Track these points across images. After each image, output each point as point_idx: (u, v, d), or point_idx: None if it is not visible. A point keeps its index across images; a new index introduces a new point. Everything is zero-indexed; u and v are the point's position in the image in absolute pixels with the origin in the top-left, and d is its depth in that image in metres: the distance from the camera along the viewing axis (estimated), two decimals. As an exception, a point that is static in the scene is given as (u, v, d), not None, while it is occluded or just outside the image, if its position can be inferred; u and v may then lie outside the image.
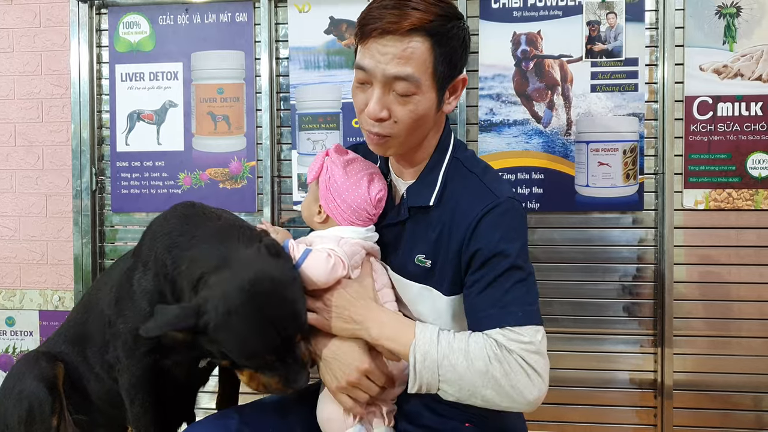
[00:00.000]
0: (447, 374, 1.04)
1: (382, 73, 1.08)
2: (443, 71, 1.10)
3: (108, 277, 1.40)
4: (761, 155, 1.95)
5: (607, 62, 1.98)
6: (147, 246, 1.27)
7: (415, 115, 1.11)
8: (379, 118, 1.10)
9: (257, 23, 2.12)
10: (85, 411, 1.45)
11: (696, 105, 1.97)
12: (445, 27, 1.09)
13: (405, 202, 1.20)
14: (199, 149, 2.16)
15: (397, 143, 1.15)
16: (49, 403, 1.36)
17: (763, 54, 1.95)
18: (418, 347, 1.06)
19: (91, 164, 2.18)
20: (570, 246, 2.00)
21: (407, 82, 1.08)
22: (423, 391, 1.07)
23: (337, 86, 2.09)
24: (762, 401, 1.97)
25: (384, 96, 1.10)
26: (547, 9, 2.00)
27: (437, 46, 1.08)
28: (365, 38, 1.09)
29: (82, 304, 1.48)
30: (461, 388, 1.04)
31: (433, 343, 1.06)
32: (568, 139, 2.00)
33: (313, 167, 1.23)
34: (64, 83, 2.29)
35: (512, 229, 1.11)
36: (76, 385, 1.42)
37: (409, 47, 1.07)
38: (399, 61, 1.07)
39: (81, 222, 2.18)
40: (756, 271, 1.96)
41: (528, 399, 1.03)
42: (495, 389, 1.03)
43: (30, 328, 2.33)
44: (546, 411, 2.00)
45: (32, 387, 1.35)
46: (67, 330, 1.48)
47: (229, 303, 1.05)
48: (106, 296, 1.35)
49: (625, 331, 2.00)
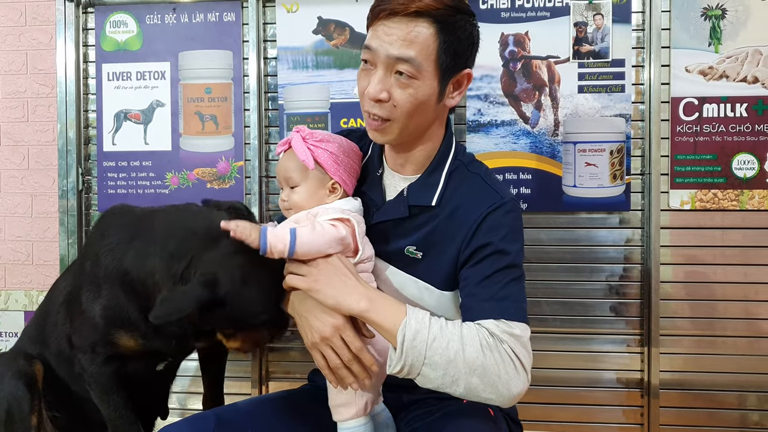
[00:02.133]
0: (434, 357, 1.03)
1: (386, 53, 1.09)
2: (446, 60, 1.11)
3: (59, 287, 1.43)
4: (746, 156, 1.97)
5: (594, 63, 1.99)
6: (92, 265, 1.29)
7: (415, 100, 1.12)
8: (378, 99, 1.11)
9: (245, 23, 2.11)
10: (60, 408, 1.45)
11: (682, 106, 1.98)
12: (452, 17, 1.10)
13: (405, 200, 1.20)
14: (186, 149, 2.15)
15: (395, 128, 1.15)
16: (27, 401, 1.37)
17: (748, 56, 1.96)
18: (409, 326, 1.04)
19: (77, 164, 2.17)
20: (557, 246, 2.01)
21: (409, 64, 1.09)
22: (402, 374, 1.06)
23: (326, 86, 2.09)
24: (747, 400, 1.99)
25: (385, 78, 1.11)
26: (534, 10, 2.01)
27: (442, 33, 1.09)
28: (374, 19, 1.12)
29: (41, 310, 1.51)
30: (446, 374, 1.03)
31: (425, 324, 1.05)
32: (555, 140, 2.01)
33: (306, 154, 1.19)
34: (50, 82, 2.27)
35: (514, 230, 1.14)
36: (50, 383, 1.43)
37: (414, 30, 1.08)
38: (403, 43, 1.08)
39: (67, 222, 2.17)
40: (741, 271, 1.97)
41: (512, 392, 1.04)
42: (482, 378, 1.03)
43: (15, 329, 2.31)
44: (533, 410, 2.01)
45: (11, 386, 1.36)
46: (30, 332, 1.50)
47: (243, 270, 1.12)
48: (61, 311, 1.38)
49: (612, 330, 2.01)
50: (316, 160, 1.19)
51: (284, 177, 1.23)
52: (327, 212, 1.17)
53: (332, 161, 1.20)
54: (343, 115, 2.07)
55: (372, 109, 1.13)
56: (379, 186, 1.25)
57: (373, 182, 1.26)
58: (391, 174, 1.26)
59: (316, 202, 1.21)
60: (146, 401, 1.48)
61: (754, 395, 1.98)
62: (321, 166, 1.19)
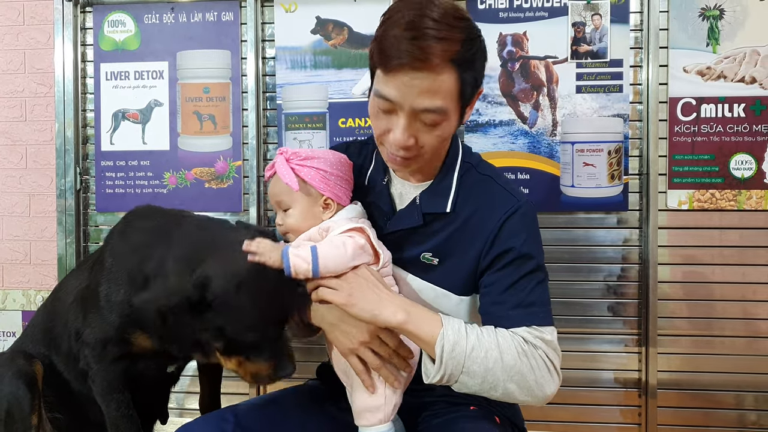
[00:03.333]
0: (473, 366, 1.04)
1: (410, 106, 1.05)
2: (468, 92, 1.10)
3: (69, 287, 1.42)
4: (744, 156, 1.97)
5: (592, 63, 1.99)
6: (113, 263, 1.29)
7: (441, 139, 1.12)
8: (407, 146, 1.09)
9: (243, 22, 2.11)
10: (61, 409, 1.45)
11: (680, 106, 1.98)
12: (469, 52, 1.06)
13: (418, 208, 1.19)
14: (184, 149, 2.15)
15: (421, 162, 1.15)
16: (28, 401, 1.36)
17: (745, 56, 1.97)
18: (447, 337, 1.05)
19: (75, 163, 2.16)
20: (555, 246, 2.01)
21: (436, 113, 1.06)
22: (443, 382, 1.07)
23: (324, 86, 2.09)
24: (744, 400, 1.99)
25: (411, 125, 1.08)
26: (532, 10, 2.01)
27: (464, 72, 1.07)
28: (389, 70, 1.05)
29: (46, 311, 1.49)
30: (484, 381, 1.05)
31: (462, 335, 1.06)
32: (553, 140, 2.01)
33: (289, 177, 1.18)
34: (48, 82, 2.27)
35: (533, 233, 1.15)
36: (50, 384, 1.42)
37: (437, 80, 1.04)
38: (427, 95, 1.04)
39: (65, 222, 2.17)
40: (739, 271, 1.98)
41: (546, 393, 1.08)
42: (519, 383, 1.06)
43: (13, 329, 2.30)
44: (531, 410, 2.00)
45: (11, 385, 1.35)
46: (33, 333, 1.49)
47: (239, 277, 1.10)
48: (72, 309, 1.37)
49: (610, 330, 2.01)
50: (303, 179, 1.18)
51: (276, 201, 1.23)
52: (338, 226, 1.16)
53: (320, 177, 1.19)
54: (341, 115, 2.07)
55: (398, 153, 1.11)
56: (386, 195, 1.24)
57: (381, 192, 1.24)
58: (399, 182, 1.24)
59: (312, 220, 1.20)
60: (149, 402, 1.48)
61: (751, 395, 1.99)
62: (309, 184, 1.18)
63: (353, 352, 1.12)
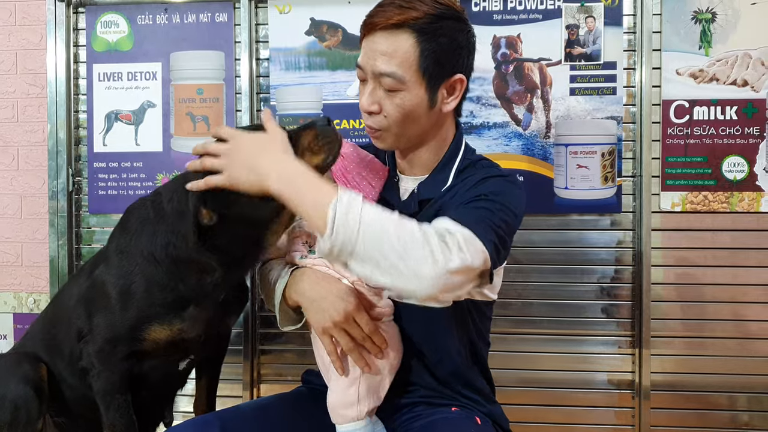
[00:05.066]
0: (369, 229, 0.93)
1: (371, 69, 1.14)
2: (430, 68, 1.13)
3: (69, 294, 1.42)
4: (736, 158, 1.98)
5: (585, 66, 2.00)
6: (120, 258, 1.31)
7: (402, 110, 1.14)
8: (369, 111, 1.16)
9: (237, 24, 2.11)
10: (65, 414, 1.44)
11: (673, 108, 1.99)
12: (433, 25, 1.11)
13: (416, 197, 1.23)
14: (177, 150, 2.14)
15: (390, 136, 1.19)
16: (36, 405, 1.36)
17: (737, 59, 1.98)
18: (341, 201, 0.94)
19: (67, 165, 2.15)
20: (549, 248, 2.02)
21: (391, 78, 1.12)
22: (334, 254, 0.95)
23: (318, 87, 2.08)
24: (737, 401, 2.00)
25: (375, 90, 1.15)
26: (526, 12, 2.01)
27: (423, 42, 1.11)
28: (362, 36, 1.16)
29: (47, 318, 1.48)
30: (381, 248, 0.93)
31: (357, 201, 0.96)
32: (547, 142, 2.01)
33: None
34: (40, 82, 2.25)
35: (510, 194, 1.15)
36: (54, 388, 1.41)
37: (394, 43, 1.11)
38: (384, 58, 1.11)
39: (57, 223, 2.15)
40: (731, 273, 1.99)
41: (450, 267, 0.92)
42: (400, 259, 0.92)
43: (4, 332, 2.29)
44: (524, 412, 2.01)
45: (18, 390, 1.35)
46: (34, 339, 1.47)
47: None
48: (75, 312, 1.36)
49: (603, 332, 2.02)
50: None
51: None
52: None
53: (340, 167, 1.22)
54: (335, 117, 2.07)
55: (366, 120, 1.19)
56: (396, 190, 1.28)
57: (391, 187, 1.29)
58: (404, 178, 1.29)
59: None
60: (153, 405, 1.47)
61: (744, 396, 1.99)
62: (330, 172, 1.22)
63: (327, 331, 1.13)
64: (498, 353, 1.85)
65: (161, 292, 1.25)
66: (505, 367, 1.99)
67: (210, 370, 1.54)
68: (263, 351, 2.12)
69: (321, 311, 1.13)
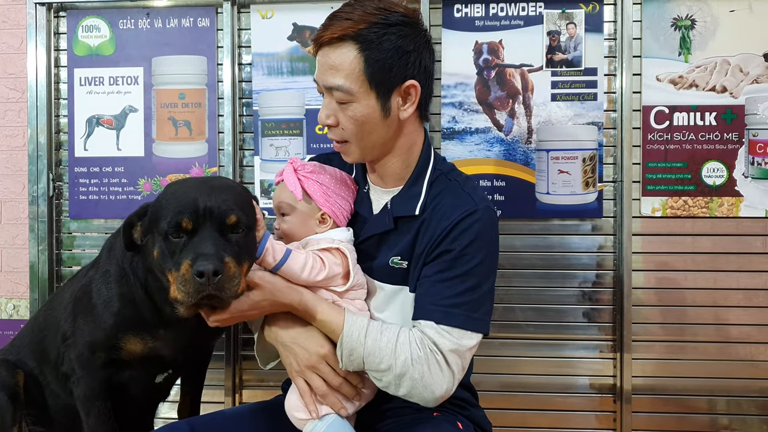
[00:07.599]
0: (371, 368, 1.12)
1: (323, 83, 1.16)
2: (377, 77, 1.13)
3: (63, 298, 1.41)
4: (715, 164, 2.00)
5: (567, 72, 2.01)
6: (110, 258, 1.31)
7: (356, 121, 1.15)
8: (327, 124, 1.18)
9: (220, 29, 2.10)
10: (45, 423, 1.42)
11: (653, 114, 2.01)
12: (376, 33, 1.11)
13: (389, 212, 1.21)
14: (159, 155, 2.13)
15: (354, 148, 1.19)
16: (10, 413, 1.34)
17: (716, 65, 2.00)
18: (345, 344, 1.12)
19: (48, 170, 2.13)
20: (530, 252, 2.02)
21: (340, 91, 1.13)
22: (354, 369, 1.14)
23: (301, 92, 2.08)
24: (717, 404, 2.01)
25: (330, 104, 1.16)
26: (508, 19, 2.02)
27: (365, 51, 1.11)
28: (315, 51, 1.18)
29: (37, 322, 1.46)
30: (382, 381, 1.12)
31: (360, 342, 1.11)
32: (528, 147, 2.02)
33: (295, 186, 1.23)
34: (20, 87, 2.23)
35: (484, 237, 1.16)
36: (33, 397, 1.40)
37: (338, 57, 1.13)
38: (332, 71, 1.14)
39: (37, 229, 2.13)
40: (711, 277, 2.00)
41: (436, 395, 1.11)
42: (408, 388, 1.11)
43: (-17, 338, 2.26)
44: (506, 416, 2.02)
45: None
46: (21, 345, 1.45)
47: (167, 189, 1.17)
48: (64, 313, 1.35)
49: (584, 336, 2.03)
50: (306, 191, 1.23)
51: (277, 206, 1.28)
52: (318, 242, 1.21)
53: (322, 193, 1.23)
54: (318, 122, 2.06)
55: (329, 134, 1.21)
56: (367, 202, 1.28)
57: (362, 199, 1.28)
58: (375, 189, 1.28)
59: (305, 231, 1.25)
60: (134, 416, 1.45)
61: (723, 399, 2.01)
62: (310, 197, 1.23)
63: (300, 374, 1.15)
64: (480, 358, 1.85)
65: (133, 308, 1.26)
66: (487, 371, 1.99)
67: (192, 379, 1.53)
68: (245, 357, 2.11)
69: (293, 355, 1.16)
